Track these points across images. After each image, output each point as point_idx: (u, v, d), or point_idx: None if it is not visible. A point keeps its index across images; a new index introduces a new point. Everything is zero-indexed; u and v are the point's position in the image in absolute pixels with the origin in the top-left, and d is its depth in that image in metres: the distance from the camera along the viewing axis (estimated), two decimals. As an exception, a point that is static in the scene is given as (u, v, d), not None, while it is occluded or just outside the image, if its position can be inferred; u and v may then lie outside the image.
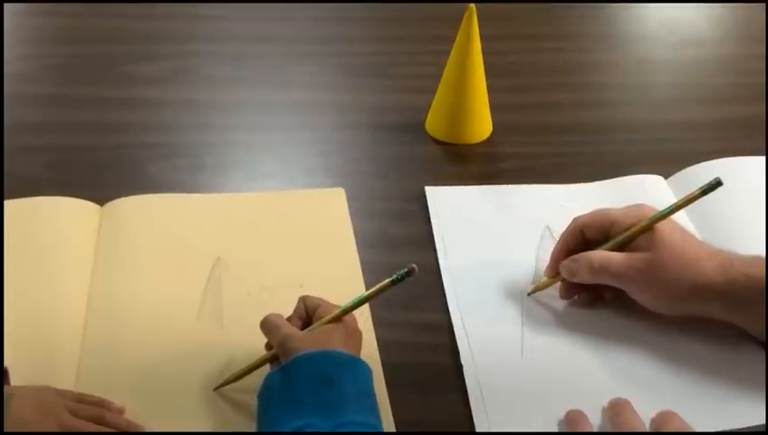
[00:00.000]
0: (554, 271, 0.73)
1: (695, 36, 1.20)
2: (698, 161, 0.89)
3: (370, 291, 0.64)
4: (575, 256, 0.71)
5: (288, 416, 0.56)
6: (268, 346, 0.66)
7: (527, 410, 0.66)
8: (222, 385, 0.66)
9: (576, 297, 0.74)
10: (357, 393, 0.58)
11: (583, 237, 0.72)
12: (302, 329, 0.64)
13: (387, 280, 0.63)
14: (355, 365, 0.60)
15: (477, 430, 0.64)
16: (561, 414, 0.65)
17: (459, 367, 0.69)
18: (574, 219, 0.73)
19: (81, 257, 0.77)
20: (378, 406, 0.60)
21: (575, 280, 0.71)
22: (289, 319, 0.65)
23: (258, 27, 1.17)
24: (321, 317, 0.64)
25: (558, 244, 0.74)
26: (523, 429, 0.64)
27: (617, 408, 0.64)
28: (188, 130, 0.96)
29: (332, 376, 0.58)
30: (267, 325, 0.64)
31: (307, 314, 0.65)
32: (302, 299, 0.66)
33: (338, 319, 0.63)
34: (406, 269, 0.62)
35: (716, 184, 0.68)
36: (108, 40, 1.12)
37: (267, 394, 0.60)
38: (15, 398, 0.58)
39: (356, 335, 0.64)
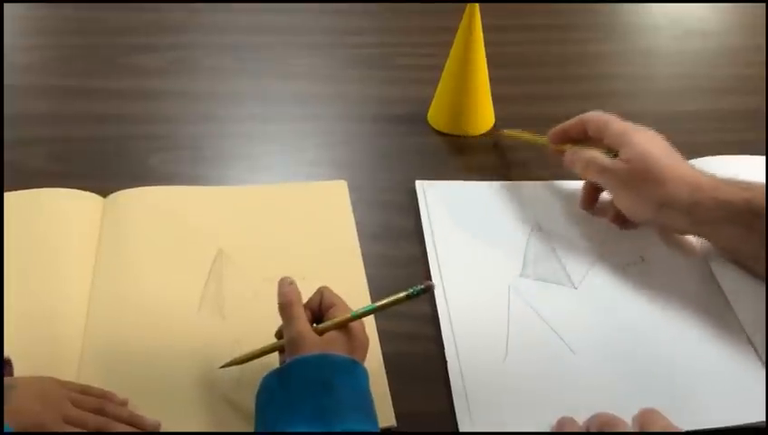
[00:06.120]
0: (555, 141, 0.85)
1: (699, 27, 1.20)
2: (701, 153, 0.89)
3: (384, 302, 0.64)
4: (576, 150, 0.82)
5: (285, 420, 0.56)
6: (279, 334, 0.66)
7: (510, 408, 0.65)
8: (229, 364, 0.66)
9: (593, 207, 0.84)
10: (355, 398, 0.58)
11: (584, 129, 0.82)
12: (311, 320, 0.64)
13: (402, 293, 0.63)
14: (353, 369, 0.60)
15: (460, 428, 0.64)
16: (545, 412, 0.64)
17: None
18: (580, 115, 0.83)
19: (83, 249, 0.77)
20: (374, 407, 0.59)
21: (572, 169, 0.82)
22: (304, 306, 0.64)
23: (260, 18, 1.16)
24: (333, 317, 0.63)
25: (560, 126, 0.84)
26: (507, 428, 0.64)
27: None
28: (190, 121, 0.96)
29: (330, 381, 0.58)
30: (285, 314, 0.63)
31: (320, 308, 0.65)
32: (321, 291, 0.65)
33: (346, 324, 0.63)
34: (423, 286, 0.62)
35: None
36: (109, 31, 1.12)
37: (265, 396, 0.60)
38: (18, 388, 0.58)
39: (362, 343, 0.63)
